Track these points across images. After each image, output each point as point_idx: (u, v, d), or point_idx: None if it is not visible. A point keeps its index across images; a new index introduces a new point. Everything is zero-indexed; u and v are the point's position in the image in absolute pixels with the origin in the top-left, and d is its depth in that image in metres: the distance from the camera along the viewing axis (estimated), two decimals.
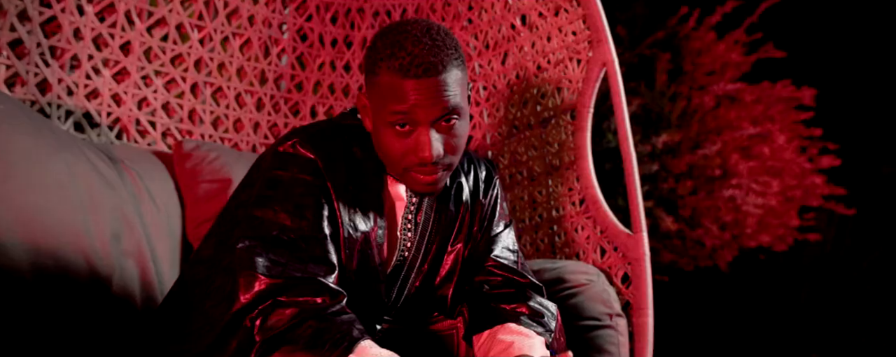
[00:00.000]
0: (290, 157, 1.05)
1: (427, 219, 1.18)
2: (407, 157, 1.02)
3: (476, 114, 2.07)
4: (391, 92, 0.99)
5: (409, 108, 0.98)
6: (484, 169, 1.28)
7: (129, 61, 1.70)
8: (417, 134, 1.01)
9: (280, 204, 1.02)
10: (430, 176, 1.04)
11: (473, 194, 1.24)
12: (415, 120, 1.00)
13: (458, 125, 1.02)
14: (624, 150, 1.70)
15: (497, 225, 1.26)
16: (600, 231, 1.73)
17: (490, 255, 1.22)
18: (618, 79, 1.72)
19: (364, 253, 1.08)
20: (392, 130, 1.01)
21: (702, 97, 3.39)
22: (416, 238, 1.17)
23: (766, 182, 3.42)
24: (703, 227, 3.40)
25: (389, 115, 1.00)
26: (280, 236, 1.00)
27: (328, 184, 1.04)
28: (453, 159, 1.05)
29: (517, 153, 1.95)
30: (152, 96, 1.75)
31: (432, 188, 1.06)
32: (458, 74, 1.00)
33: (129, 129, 1.71)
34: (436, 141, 1.01)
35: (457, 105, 1.00)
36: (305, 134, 1.08)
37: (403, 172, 1.05)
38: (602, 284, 1.65)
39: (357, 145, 1.12)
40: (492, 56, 2.01)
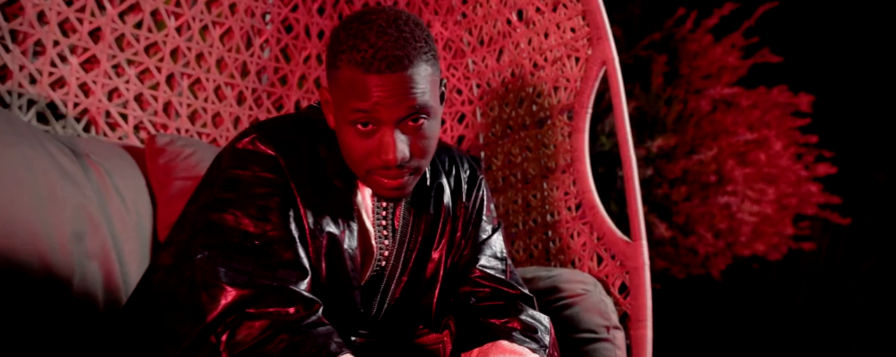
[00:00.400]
0: (250, 154, 0.98)
1: (406, 224, 1.11)
2: (369, 158, 0.96)
3: (468, 113, 2.00)
4: (352, 88, 0.92)
5: (371, 106, 0.91)
6: (467, 168, 1.21)
7: (98, 49, 1.60)
8: (381, 134, 0.94)
9: (241, 207, 0.95)
10: (394, 180, 0.97)
11: (455, 196, 1.17)
12: (378, 119, 0.93)
13: (426, 126, 0.95)
14: (624, 153, 1.63)
15: (483, 230, 1.19)
16: (597, 238, 1.67)
17: (476, 264, 1.15)
18: (618, 78, 1.66)
19: (334, 259, 1.01)
20: (354, 130, 0.94)
21: (698, 101, 3.35)
22: (394, 245, 1.10)
23: (762, 189, 3.37)
24: (697, 234, 3.35)
25: (350, 112, 0.93)
26: (243, 243, 0.93)
27: (291, 183, 0.97)
28: (421, 163, 0.98)
29: (511, 154, 1.90)
30: (124, 87, 1.65)
31: (397, 193, 0.99)
32: (427, 70, 0.93)
33: (97, 121, 1.61)
34: (401, 143, 0.94)
35: (425, 104, 0.93)
36: (266, 129, 1.00)
37: (366, 175, 0.99)
38: (599, 295, 1.59)
39: (323, 143, 1.04)
40: (486, 52, 1.96)
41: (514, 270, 1.18)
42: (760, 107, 3.52)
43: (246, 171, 0.96)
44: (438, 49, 2.05)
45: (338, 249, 1.01)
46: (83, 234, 1.29)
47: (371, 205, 1.08)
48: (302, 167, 0.99)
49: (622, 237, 1.63)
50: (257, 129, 1.01)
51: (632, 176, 1.63)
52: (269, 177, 0.96)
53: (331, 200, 1.01)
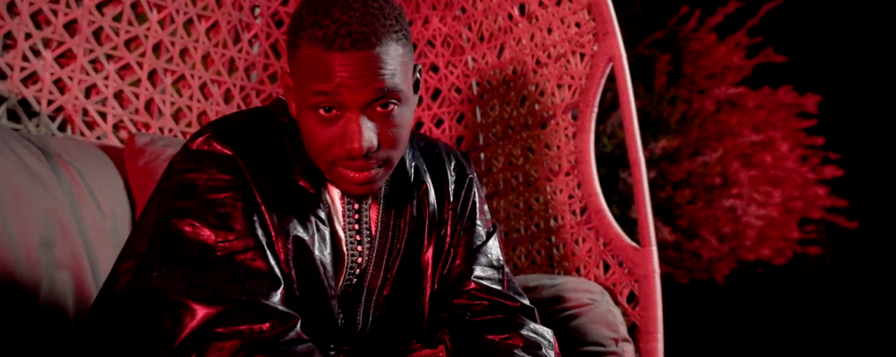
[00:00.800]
0: (205, 155, 0.89)
1: (385, 228, 1.01)
2: (333, 148, 0.87)
3: (468, 113, 1.92)
4: (313, 68, 0.83)
5: (333, 87, 0.83)
6: (455, 165, 1.11)
7: (74, 42, 1.50)
8: (345, 120, 0.85)
9: (199, 216, 0.86)
10: (360, 173, 0.89)
11: (441, 197, 1.08)
12: (341, 103, 0.85)
13: (397, 112, 0.87)
14: (632, 155, 1.56)
15: (477, 236, 1.09)
16: (604, 244, 1.59)
17: (471, 276, 1.06)
18: (626, 76, 1.59)
19: (304, 267, 0.91)
20: (315, 116, 0.86)
21: (702, 101, 3.27)
22: (373, 252, 1.01)
23: (768, 192, 3.30)
24: (701, 238, 3.27)
25: (311, 96, 0.84)
26: (205, 256, 0.84)
27: (252, 185, 0.89)
28: (391, 154, 0.90)
29: (513, 156, 1.83)
30: (103, 83, 1.56)
31: (364, 189, 0.90)
32: (397, 50, 0.85)
33: (74, 119, 1.51)
34: (367, 130, 0.86)
35: (394, 87, 0.85)
36: (221, 126, 0.92)
37: (330, 167, 0.90)
38: (606, 305, 1.51)
39: (288, 139, 0.95)
40: (486, 49, 1.89)
41: (513, 279, 1.09)
42: (766, 107, 3.44)
43: (201, 174, 0.88)
44: (437, 46, 1.97)
45: (307, 256, 0.91)
46: (52, 241, 1.20)
47: (340, 207, 0.98)
48: (263, 167, 0.90)
49: (630, 243, 1.56)
50: (212, 126, 0.92)
51: (641, 179, 1.56)
52: (228, 179, 0.88)
53: (297, 202, 0.92)
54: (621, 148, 3.23)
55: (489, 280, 1.06)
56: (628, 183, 3.20)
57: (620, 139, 3.28)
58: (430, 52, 2.00)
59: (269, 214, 0.88)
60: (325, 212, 0.95)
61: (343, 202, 0.98)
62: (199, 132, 0.92)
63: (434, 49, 1.99)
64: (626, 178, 3.17)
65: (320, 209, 0.94)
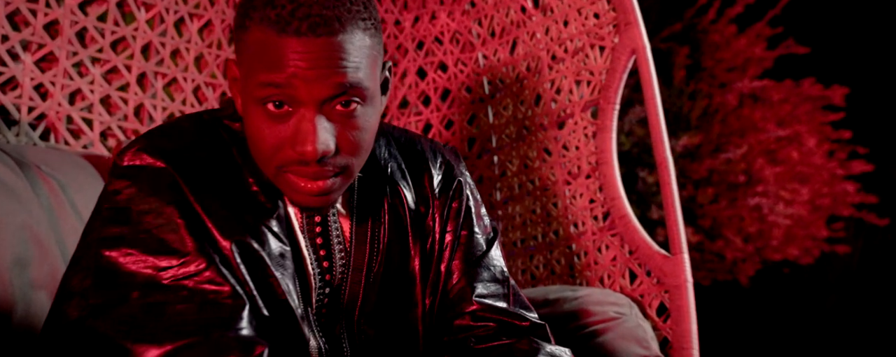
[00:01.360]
0: (136, 171, 0.78)
1: (360, 240, 0.89)
2: (282, 150, 0.76)
3: (479, 113, 1.81)
4: (263, 54, 0.72)
5: (285, 78, 0.71)
6: (440, 162, 0.98)
7: (56, 44, 1.40)
8: (298, 119, 0.74)
9: (135, 243, 0.74)
10: (313, 182, 0.77)
11: (425, 200, 0.96)
12: (294, 97, 0.73)
13: (360, 112, 0.76)
14: (659, 155, 1.45)
15: (475, 245, 0.97)
16: (629, 251, 1.48)
17: (473, 295, 0.93)
18: (650, 69, 1.48)
19: (264, 286, 0.80)
20: (263, 111, 0.74)
21: (724, 95, 3.14)
22: (347, 269, 0.89)
23: (795, 189, 3.16)
24: (725, 238, 3.14)
25: (259, 87, 0.73)
26: (148, 290, 0.72)
27: (191, 200, 0.77)
28: (351, 161, 0.79)
29: (528, 159, 1.73)
30: (88, 88, 1.46)
31: (317, 201, 0.79)
32: (364, 40, 0.74)
33: (57, 127, 1.41)
34: (324, 130, 0.74)
35: (358, 82, 0.74)
36: (155, 136, 0.81)
37: (277, 173, 0.78)
38: (635, 318, 1.40)
39: (237, 145, 0.83)
40: (498, 45, 1.79)
41: (519, 291, 0.98)
42: (790, 101, 3.31)
43: (133, 193, 0.76)
44: (445, 43, 1.87)
45: (264, 274, 0.80)
46: (27, 260, 1.10)
47: (297, 221, 0.86)
48: (205, 179, 0.79)
49: (659, 251, 1.44)
50: (144, 137, 0.81)
51: (669, 181, 1.44)
52: (164, 196, 0.76)
53: (249, 216, 0.80)
54: (640, 146, 3.11)
55: (493, 297, 0.94)
56: (648, 182, 3.08)
57: (638, 137, 3.16)
58: (439, 49, 1.89)
59: (218, 230, 0.77)
60: (282, 226, 0.83)
61: (303, 215, 0.86)
62: (129, 145, 0.80)
63: (442, 46, 1.89)
64: (645, 178, 3.05)
65: (277, 223, 0.82)
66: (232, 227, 0.78)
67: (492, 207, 1.80)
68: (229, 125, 0.85)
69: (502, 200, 1.78)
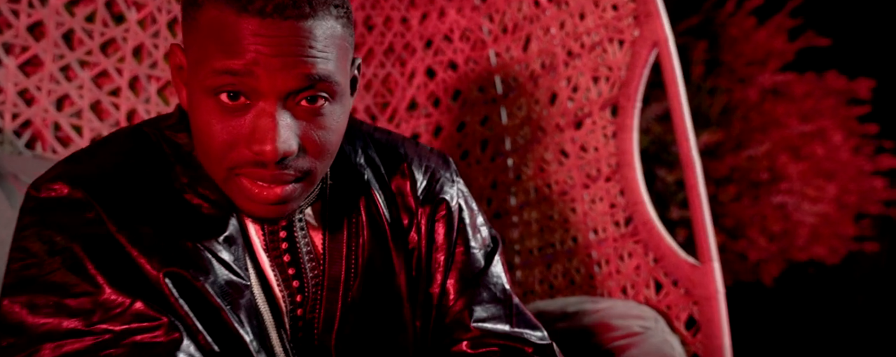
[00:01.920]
0: (49, 204, 0.67)
1: (335, 257, 0.78)
2: (235, 149, 0.66)
3: (492, 114, 1.72)
4: (218, 36, 0.63)
5: (244, 65, 0.62)
6: (426, 167, 0.87)
7: (41, 47, 1.33)
8: (256, 113, 0.65)
9: (45, 289, 0.64)
10: (270, 188, 0.67)
11: (407, 209, 0.85)
12: (253, 88, 0.63)
13: (327, 110, 0.68)
14: (685, 156, 1.37)
15: (472, 261, 0.86)
16: (654, 260, 1.40)
17: (472, 320, 0.83)
18: (674, 63, 1.40)
19: (210, 319, 0.69)
20: (214, 103, 0.65)
21: (744, 91, 3.03)
22: (321, 290, 0.78)
23: (821, 186, 3.05)
24: (748, 238, 3.03)
25: (211, 75, 0.63)
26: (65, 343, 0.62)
27: (114, 231, 0.67)
28: (315, 165, 0.69)
29: (544, 161, 1.65)
30: (76, 93, 1.38)
31: (273, 210, 0.69)
32: (335, 29, 0.66)
33: (44, 135, 1.34)
34: (286, 128, 0.65)
35: (328, 75, 0.65)
36: (75, 161, 0.71)
37: (227, 177, 0.68)
38: (661, 332, 1.31)
39: (180, 161, 0.73)
40: (510, 42, 1.71)
41: (522, 310, 0.87)
42: (814, 95, 3.19)
43: (45, 230, 0.66)
44: (455, 40, 1.78)
45: (209, 306, 0.69)
46: None
47: (259, 239, 0.76)
48: (134, 206, 0.69)
49: (687, 259, 1.36)
50: (65, 162, 0.71)
51: (697, 183, 1.35)
52: (80, 231, 0.66)
53: (191, 242, 0.69)
54: (658, 144, 3.00)
55: (494, 320, 0.84)
56: (667, 182, 2.97)
57: (656, 134, 3.06)
58: (448, 47, 1.81)
59: (148, 262, 0.67)
60: (237, 248, 0.73)
61: (266, 230, 0.76)
62: (46, 173, 0.70)
63: (452, 44, 1.80)
64: (664, 177, 2.95)
65: (228, 246, 0.72)
66: (165, 257, 0.67)
67: (507, 213, 1.71)
68: (172, 137, 0.74)
69: (518, 206, 1.70)
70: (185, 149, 0.73)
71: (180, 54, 0.70)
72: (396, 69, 1.85)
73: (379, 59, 1.84)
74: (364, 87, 1.84)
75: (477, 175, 1.75)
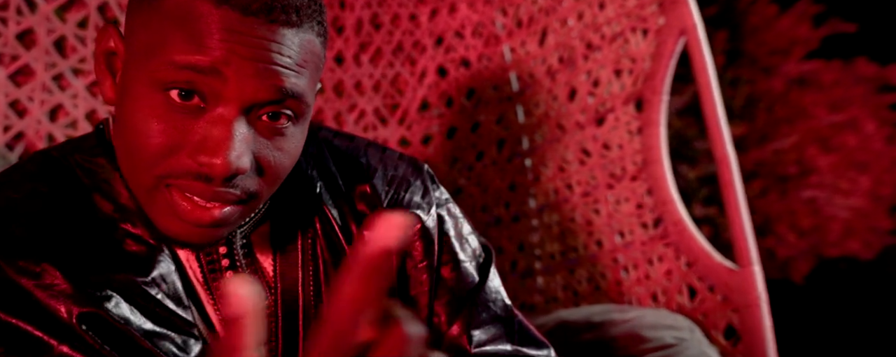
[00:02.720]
0: None
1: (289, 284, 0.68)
2: (173, 156, 0.57)
3: (508, 113, 1.65)
4: (183, 24, 0.54)
5: (213, 63, 0.54)
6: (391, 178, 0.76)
7: (32, 56, 1.27)
8: (211, 119, 0.56)
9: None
10: (205, 209, 0.58)
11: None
12: (215, 90, 0.55)
13: (290, 133, 0.60)
14: (718, 151, 1.30)
15: (464, 276, 0.75)
16: (687, 263, 1.31)
17: (471, 346, 0.73)
18: (704, 51, 1.33)
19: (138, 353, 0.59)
20: (160, 99, 0.55)
21: (769, 81, 2.93)
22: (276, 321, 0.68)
23: (853, 178, 2.94)
24: (776, 234, 2.93)
25: (167, 67, 0.54)
26: None
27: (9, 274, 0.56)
28: (263, 189, 0.61)
29: (564, 161, 1.56)
30: (71, 103, 1.32)
31: (204, 235, 0.60)
32: (315, 45, 0.60)
33: (37, 147, 1.27)
34: (242, 142, 0.56)
35: (300, 93, 0.58)
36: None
37: (155, 187, 0.58)
38: (697, 344, 1.23)
39: (98, 189, 0.63)
40: (526, 36, 1.63)
41: (524, 325, 0.78)
42: (842, 83, 3.08)
43: None
44: (466, 36, 1.71)
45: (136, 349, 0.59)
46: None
47: (194, 271, 0.65)
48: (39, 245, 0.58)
49: (723, 262, 1.27)
50: None
51: (733, 180, 1.27)
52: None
53: (109, 281, 0.59)
54: (679, 138, 2.91)
55: (496, 341, 0.74)
56: (689, 178, 2.88)
57: (676, 129, 2.97)
58: (460, 44, 1.73)
59: (61, 305, 0.57)
60: (168, 284, 0.63)
61: (202, 261, 0.65)
62: None
63: (464, 41, 1.73)
64: (686, 174, 2.85)
65: (158, 283, 0.62)
66: (79, 298, 0.57)
67: (526, 217, 1.62)
68: (86, 163, 0.64)
69: (537, 208, 1.61)
70: (102, 175, 0.63)
71: (117, 37, 0.61)
72: (406, 69, 1.77)
73: (387, 58, 1.76)
74: (372, 88, 1.77)
75: (493, 177, 1.67)
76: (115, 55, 0.61)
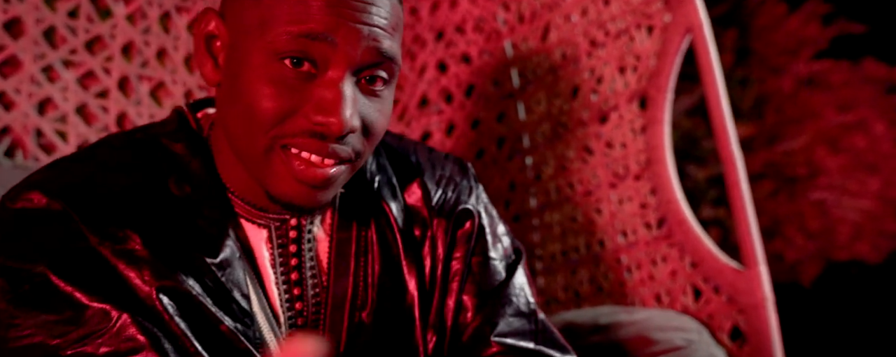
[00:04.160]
0: (22, 218, 0.63)
1: (341, 273, 0.74)
2: (290, 119, 0.63)
3: (508, 110, 1.64)
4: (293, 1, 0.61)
5: (324, 28, 0.61)
6: (440, 177, 0.83)
7: (19, 46, 1.25)
8: (322, 84, 0.63)
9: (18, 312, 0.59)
10: (319, 167, 0.64)
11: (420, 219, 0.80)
12: (325, 57, 0.62)
13: (385, 95, 0.67)
14: (724, 151, 1.31)
15: (492, 272, 0.81)
16: (692, 264, 1.30)
17: (492, 334, 0.78)
18: (710, 50, 1.33)
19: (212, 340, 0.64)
20: (276, 68, 0.62)
21: (778, 81, 2.89)
22: (323, 309, 0.74)
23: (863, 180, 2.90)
24: (784, 237, 2.89)
25: (283, 38, 0.61)
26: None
27: (92, 241, 0.62)
28: (366, 148, 0.68)
29: (566, 159, 1.54)
30: (60, 96, 1.29)
31: (313, 196, 0.65)
32: (399, 11, 0.67)
33: (25, 142, 1.26)
34: (351, 102, 0.63)
35: (395, 56, 0.66)
36: (55, 168, 0.67)
37: (270, 148, 0.64)
38: (706, 347, 1.22)
39: (176, 173, 0.68)
40: (528, 32, 1.61)
41: (548, 326, 0.82)
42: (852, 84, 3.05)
43: (19, 246, 0.61)
44: (467, 31, 1.71)
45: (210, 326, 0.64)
46: None
47: (268, 252, 0.72)
48: (122, 217, 0.64)
49: (729, 263, 1.26)
50: (45, 170, 0.67)
51: (739, 180, 1.25)
52: (58, 248, 0.61)
53: (188, 257, 0.65)
54: (686, 139, 2.88)
55: (518, 336, 0.79)
56: (697, 179, 2.84)
57: (684, 130, 2.93)
58: (461, 39, 1.70)
59: (139, 277, 0.63)
60: (242, 264, 0.69)
61: (270, 243, 0.72)
62: (24, 180, 0.66)
63: (465, 36, 1.70)
64: (694, 174, 2.82)
65: (230, 262, 0.68)
66: (156, 272, 0.63)
67: (526, 216, 1.60)
68: (168, 146, 0.70)
69: (538, 207, 1.58)
70: (183, 161, 0.70)
71: (218, 21, 0.66)
72: (405, 64, 1.75)
73: None
74: None
75: (493, 175, 1.64)
76: (215, 38, 0.67)
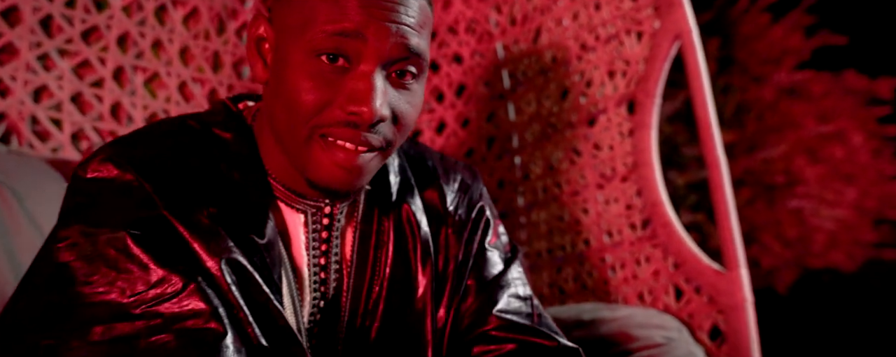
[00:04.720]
0: (98, 184, 0.68)
1: (363, 256, 0.80)
2: (327, 110, 0.68)
3: (499, 110, 1.64)
4: (328, 1, 0.67)
5: (356, 26, 0.66)
6: (453, 179, 0.91)
7: (16, 34, 1.24)
8: (355, 77, 0.68)
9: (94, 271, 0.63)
10: (353, 154, 0.69)
11: (436, 218, 0.87)
12: (358, 52, 0.67)
13: (414, 88, 0.72)
14: (709, 155, 1.31)
15: (491, 264, 0.89)
16: (674, 265, 1.32)
17: (492, 310, 0.84)
18: (698, 56, 1.34)
19: (261, 311, 0.69)
20: (314, 64, 0.67)
21: (759, 90, 2.93)
22: (348, 291, 0.79)
23: (839, 190, 2.95)
24: (761, 243, 2.94)
25: (318, 37, 0.66)
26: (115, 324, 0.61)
27: (166, 213, 0.67)
28: (396, 137, 0.73)
29: (554, 160, 1.56)
30: (56, 84, 1.29)
31: (348, 179, 0.70)
32: (427, 10, 0.72)
33: (20, 129, 1.25)
34: (381, 93, 0.68)
35: (423, 52, 0.70)
36: (123, 143, 0.72)
37: (310, 136, 0.70)
38: (685, 344, 1.24)
39: (224, 158, 0.74)
40: (519, 34, 1.63)
41: (544, 312, 0.88)
42: (832, 95, 3.10)
43: (94, 212, 0.66)
44: (460, 32, 1.71)
45: (261, 298, 0.69)
46: None
47: (303, 233, 0.78)
48: (187, 190, 0.69)
49: (711, 265, 1.27)
50: (114, 144, 0.71)
51: (723, 184, 1.27)
52: (131, 213, 0.66)
53: (242, 234, 0.71)
54: (668, 144, 2.91)
55: (515, 314, 0.85)
56: (677, 185, 2.88)
57: (666, 135, 2.97)
58: (453, 39, 1.72)
59: (203, 248, 0.67)
60: (284, 245, 0.76)
61: (306, 228, 0.78)
62: (95, 153, 0.70)
63: (457, 36, 1.72)
64: (674, 180, 2.85)
65: (274, 243, 0.74)
66: (220, 244, 0.68)
67: (514, 214, 1.62)
68: (219, 135, 0.75)
69: (525, 206, 1.60)
70: (233, 148, 0.74)
71: (265, 24, 0.72)
72: None
73: None
74: None
75: (482, 174, 1.66)
76: (264, 41, 0.72)
